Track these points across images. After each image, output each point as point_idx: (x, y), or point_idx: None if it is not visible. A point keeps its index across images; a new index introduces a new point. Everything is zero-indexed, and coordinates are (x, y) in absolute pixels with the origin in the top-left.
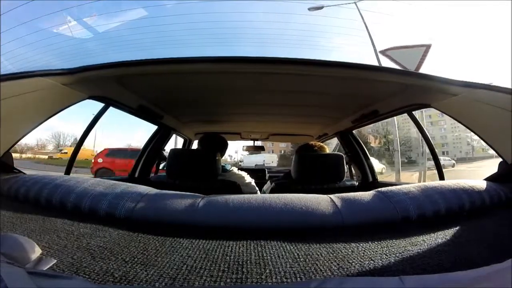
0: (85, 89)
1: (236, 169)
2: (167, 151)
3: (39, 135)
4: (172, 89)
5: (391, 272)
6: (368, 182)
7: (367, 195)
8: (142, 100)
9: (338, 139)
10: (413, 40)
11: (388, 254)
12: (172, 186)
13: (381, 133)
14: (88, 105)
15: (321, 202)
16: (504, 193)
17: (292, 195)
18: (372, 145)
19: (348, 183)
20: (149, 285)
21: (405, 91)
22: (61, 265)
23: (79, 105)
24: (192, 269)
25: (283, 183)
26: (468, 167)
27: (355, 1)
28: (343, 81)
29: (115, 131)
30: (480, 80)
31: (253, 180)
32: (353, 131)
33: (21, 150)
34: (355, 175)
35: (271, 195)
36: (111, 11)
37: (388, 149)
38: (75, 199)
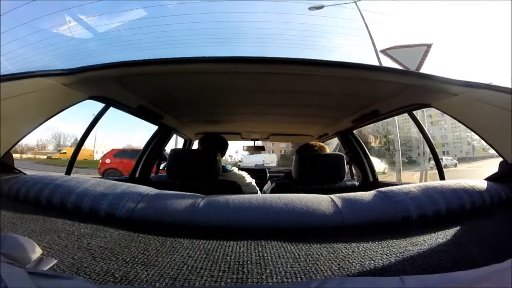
0: (85, 89)
1: (236, 169)
2: (168, 151)
3: (40, 136)
4: (172, 89)
5: (392, 272)
6: (368, 182)
7: (368, 195)
8: (142, 100)
9: (338, 139)
10: (414, 39)
11: (388, 254)
12: (172, 186)
13: (382, 133)
14: (88, 105)
15: (321, 202)
16: (504, 193)
17: (292, 195)
18: (372, 145)
19: (348, 183)
20: (149, 285)
21: (406, 91)
22: (61, 265)
23: (80, 106)
24: (192, 269)
25: (284, 183)
26: (468, 166)
27: (355, 1)
28: (343, 81)
29: (115, 131)
30: (480, 79)
31: (253, 180)
32: (354, 131)
33: (22, 150)
34: (355, 175)
35: (272, 195)
36: (112, 11)
37: (388, 149)
38: (75, 199)
